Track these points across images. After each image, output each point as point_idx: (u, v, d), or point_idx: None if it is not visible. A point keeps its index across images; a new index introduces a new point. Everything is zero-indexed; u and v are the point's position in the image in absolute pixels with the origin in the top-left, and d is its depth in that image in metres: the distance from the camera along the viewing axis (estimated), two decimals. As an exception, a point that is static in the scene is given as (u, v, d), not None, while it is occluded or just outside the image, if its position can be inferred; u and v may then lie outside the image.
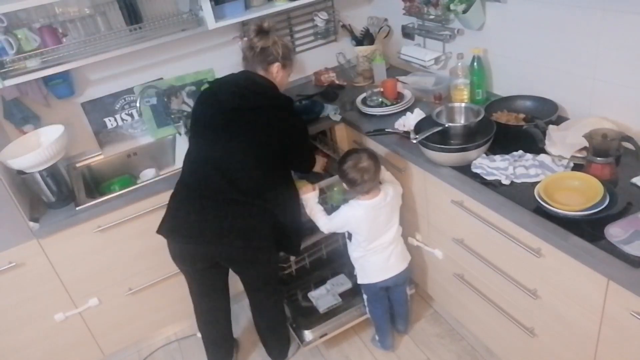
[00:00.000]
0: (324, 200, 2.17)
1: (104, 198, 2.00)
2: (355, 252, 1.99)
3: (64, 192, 2.01)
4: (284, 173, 1.89)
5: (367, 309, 2.13)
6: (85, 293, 2.11)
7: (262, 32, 1.79)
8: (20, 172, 1.93)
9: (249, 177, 1.77)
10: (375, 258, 1.95)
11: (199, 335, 2.28)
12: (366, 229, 1.89)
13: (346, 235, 2.01)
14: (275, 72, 1.83)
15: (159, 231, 1.84)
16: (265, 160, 1.78)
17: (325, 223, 1.94)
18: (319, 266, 2.42)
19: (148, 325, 2.35)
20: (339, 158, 2.02)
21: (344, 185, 1.90)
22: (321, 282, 2.35)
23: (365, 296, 2.09)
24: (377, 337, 2.18)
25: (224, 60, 2.54)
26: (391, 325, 2.23)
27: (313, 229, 2.12)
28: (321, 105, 2.38)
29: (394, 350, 2.18)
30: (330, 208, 2.03)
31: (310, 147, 2.07)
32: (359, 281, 2.05)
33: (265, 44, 1.78)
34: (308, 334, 2.11)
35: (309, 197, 1.97)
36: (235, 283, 2.03)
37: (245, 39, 1.85)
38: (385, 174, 2.00)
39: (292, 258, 2.23)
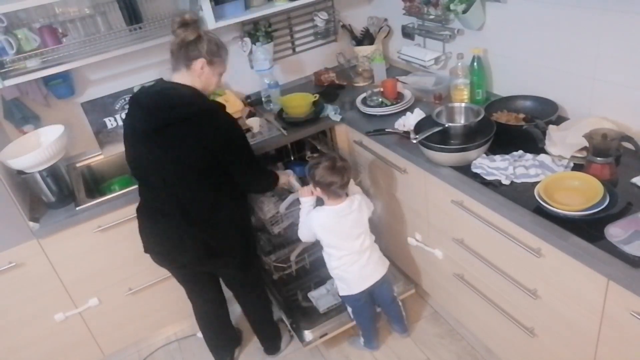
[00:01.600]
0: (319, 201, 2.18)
1: (104, 198, 2.00)
2: (331, 262, 1.97)
3: (64, 192, 2.01)
4: (232, 188, 1.77)
5: (352, 317, 2.11)
6: (85, 293, 2.11)
7: (184, 24, 1.62)
8: (20, 172, 1.93)
9: (196, 199, 1.71)
10: (352, 268, 1.93)
11: (199, 335, 2.28)
12: (330, 235, 1.89)
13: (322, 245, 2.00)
14: (200, 69, 1.66)
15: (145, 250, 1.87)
16: (203, 180, 1.68)
17: (300, 232, 1.97)
18: (319, 266, 2.41)
19: (148, 325, 2.35)
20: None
21: (319, 190, 1.86)
22: (321, 282, 2.35)
23: (350, 309, 2.07)
24: (362, 340, 2.16)
25: (224, 60, 2.54)
26: (390, 329, 2.25)
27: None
28: (321, 105, 2.38)
29: (378, 349, 2.19)
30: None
31: (253, 159, 1.81)
32: (340, 293, 2.02)
33: (187, 36, 1.62)
34: (308, 334, 2.11)
35: (305, 202, 1.96)
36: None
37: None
38: (354, 187, 2.00)
39: (292, 258, 2.23)
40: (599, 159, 1.48)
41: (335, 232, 1.89)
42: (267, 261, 2.33)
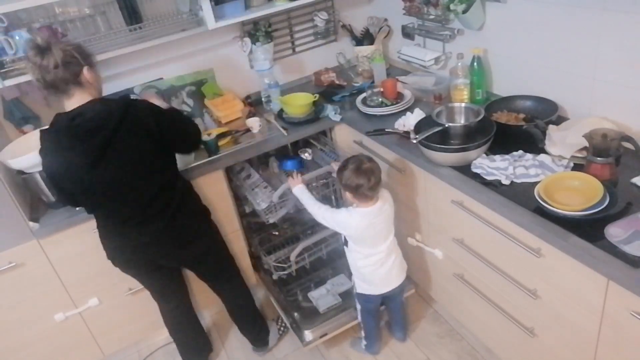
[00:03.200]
0: (311, 190, 2.18)
1: (104, 198, 2.00)
2: (358, 261, 1.92)
3: (64, 192, 2.01)
4: (173, 165, 1.81)
5: (359, 316, 2.10)
6: (85, 293, 2.11)
7: (41, 51, 1.49)
8: (20, 172, 1.93)
9: (156, 195, 1.71)
10: (380, 270, 1.91)
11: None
12: (362, 236, 1.84)
13: (342, 241, 1.96)
14: (90, 76, 1.59)
15: (108, 257, 1.87)
16: (156, 173, 1.70)
17: (322, 214, 1.88)
18: (319, 266, 2.42)
19: (148, 325, 2.34)
20: (340, 161, 1.97)
21: (348, 194, 1.82)
22: (321, 282, 2.35)
23: (359, 306, 2.06)
24: (364, 343, 2.15)
25: (224, 60, 2.54)
26: (389, 333, 2.24)
27: (315, 227, 2.12)
28: (321, 105, 2.38)
29: (379, 353, 2.18)
30: (319, 199, 2.00)
31: (183, 117, 1.87)
32: (359, 291, 2.00)
33: (58, 58, 1.50)
34: (308, 334, 2.11)
35: (300, 189, 1.97)
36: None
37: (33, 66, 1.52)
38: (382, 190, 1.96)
39: (292, 258, 2.23)
40: (599, 159, 1.48)
41: (369, 235, 1.84)
42: (267, 261, 2.33)
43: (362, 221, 1.80)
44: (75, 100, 1.60)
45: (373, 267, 1.90)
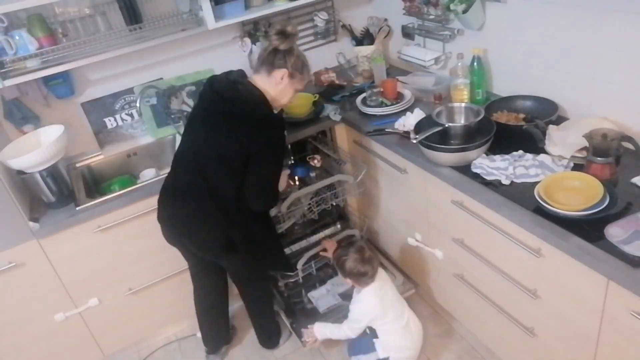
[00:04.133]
0: (320, 201, 2.16)
1: (104, 198, 2.00)
2: (391, 334, 1.94)
3: (64, 192, 2.01)
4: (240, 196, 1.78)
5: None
6: (85, 293, 2.11)
7: (282, 34, 1.67)
8: (20, 172, 1.94)
9: (225, 190, 1.72)
10: (410, 333, 1.95)
11: (199, 335, 2.28)
12: (383, 309, 1.87)
13: (369, 333, 1.97)
14: (280, 79, 1.71)
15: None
16: (235, 176, 1.70)
17: (347, 330, 1.93)
18: (320, 266, 2.42)
19: (148, 325, 2.35)
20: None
21: (349, 280, 1.89)
22: (321, 282, 2.35)
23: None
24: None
25: (224, 60, 2.54)
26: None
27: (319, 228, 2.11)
28: (321, 105, 2.38)
29: None
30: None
31: (273, 182, 1.77)
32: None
33: (280, 45, 1.67)
34: (308, 334, 2.11)
35: (320, 332, 2.00)
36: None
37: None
38: None
39: (299, 265, 2.23)
40: (599, 159, 1.48)
41: (385, 305, 1.88)
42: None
43: (376, 295, 1.87)
44: (255, 78, 1.74)
45: (403, 332, 1.94)
